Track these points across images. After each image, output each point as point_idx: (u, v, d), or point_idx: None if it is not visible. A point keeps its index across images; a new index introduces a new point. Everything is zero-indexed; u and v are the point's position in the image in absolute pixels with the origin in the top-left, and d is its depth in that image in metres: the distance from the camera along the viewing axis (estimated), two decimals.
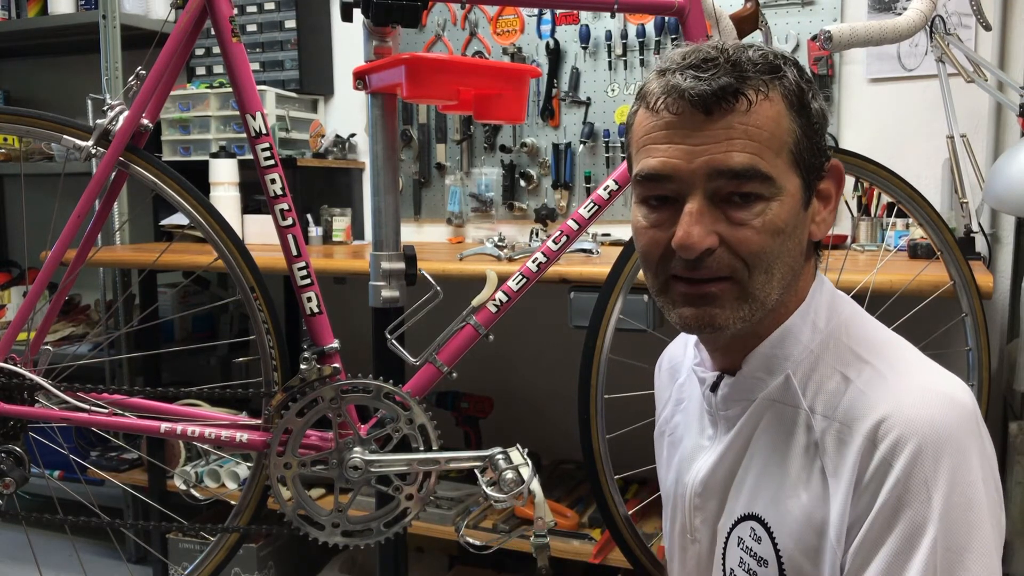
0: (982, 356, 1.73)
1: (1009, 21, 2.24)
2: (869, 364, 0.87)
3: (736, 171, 0.82)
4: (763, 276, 0.85)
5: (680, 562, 1.06)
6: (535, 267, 1.50)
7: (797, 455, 0.88)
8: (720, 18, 1.59)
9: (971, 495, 0.78)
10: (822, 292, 0.94)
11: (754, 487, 0.92)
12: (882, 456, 0.80)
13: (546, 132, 2.69)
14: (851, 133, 2.41)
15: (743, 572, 0.92)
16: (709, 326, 0.87)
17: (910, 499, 0.78)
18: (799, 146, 0.85)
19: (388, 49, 1.47)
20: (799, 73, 0.87)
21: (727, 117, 0.82)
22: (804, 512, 0.86)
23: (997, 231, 2.29)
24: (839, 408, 0.85)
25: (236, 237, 1.54)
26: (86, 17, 2.82)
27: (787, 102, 0.85)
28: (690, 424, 1.05)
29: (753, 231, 0.83)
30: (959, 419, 0.80)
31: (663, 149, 0.84)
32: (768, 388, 0.91)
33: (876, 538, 0.79)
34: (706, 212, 0.83)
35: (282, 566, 2.59)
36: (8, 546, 2.85)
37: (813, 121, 0.87)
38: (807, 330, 0.91)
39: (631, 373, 1.48)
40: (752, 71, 0.83)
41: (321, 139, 2.87)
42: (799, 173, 0.86)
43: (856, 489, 0.81)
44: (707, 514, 0.99)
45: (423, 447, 1.42)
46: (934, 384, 0.83)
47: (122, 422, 1.49)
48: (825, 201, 0.92)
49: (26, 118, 1.50)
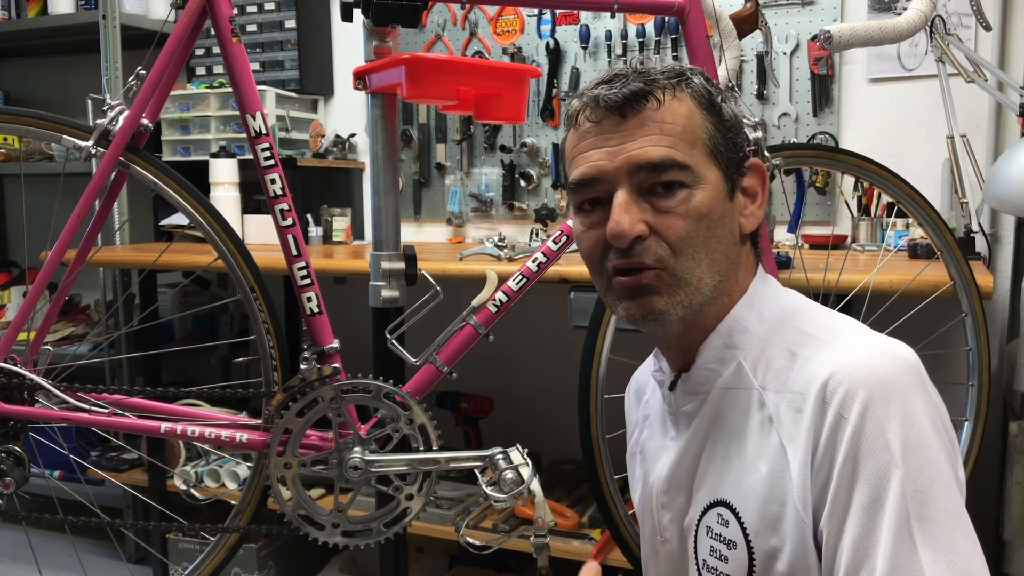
0: (982, 356, 1.73)
1: (1009, 21, 2.25)
2: (814, 337, 0.91)
3: (654, 162, 0.88)
4: (691, 261, 0.90)
5: (654, 567, 1.07)
6: (535, 267, 1.50)
7: (753, 433, 0.90)
8: (720, 18, 1.59)
9: (923, 436, 0.81)
10: (765, 284, 0.98)
11: (717, 474, 0.94)
12: (835, 411, 0.82)
13: (546, 132, 2.69)
14: (851, 133, 2.41)
15: (714, 559, 0.93)
16: (651, 313, 0.91)
17: (868, 447, 0.80)
18: (713, 140, 0.92)
19: (388, 49, 1.47)
20: (706, 80, 0.95)
21: (640, 115, 0.90)
22: (765, 484, 0.88)
23: (997, 231, 2.29)
24: (789, 380, 0.89)
25: (236, 237, 1.54)
26: (86, 17, 2.83)
27: (696, 101, 0.92)
28: (653, 432, 1.08)
29: (678, 217, 0.89)
30: (902, 370, 0.84)
31: (588, 155, 0.92)
32: (722, 377, 0.95)
33: (846, 493, 0.81)
34: (633, 203, 0.89)
35: (282, 566, 2.59)
36: (8, 546, 2.85)
37: (725, 119, 0.94)
38: (753, 319, 0.95)
39: (631, 373, 1.48)
40: (659, 76, 0.91)
41: (321, 139, 2.87)
42: (717, 165, 0.92)
43: (815, 449, 0.84)
44: (674, 511, 1.00)
45: (423, 447, 1.42)
46: (876, 343, 0.87)
47: (122, 422, 1.49)
48: (752, 197, 0.97)
49: (26, 118, 1.49)
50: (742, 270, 0.96)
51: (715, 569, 0.93)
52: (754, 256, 0.99)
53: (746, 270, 0.97)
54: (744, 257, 0.97)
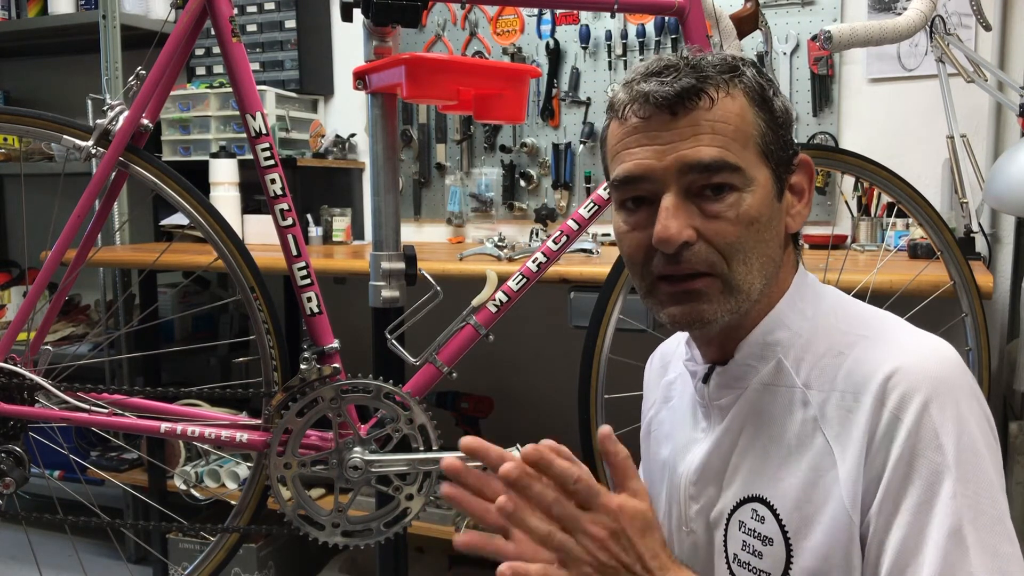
0: (982, 356, 1.73)
1: (1009, 21, 2.25)
2: (861, 336, 0.90)
3: (705, 163, 0.85)
4: (743, 267, 0.88)
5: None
6: (535, 267, 1.50)
7: (794, 431, 0.90)
8: (720, 18, 1.59)
9: (974, 440, 0.81)
10: (806, 282, 0.97)
11: (752, 470, 0.93)
12: (891, 412, 0.82)
13: (546, 132, 2.69)
14: (851, 133, 2.41)
15: (747, 554, 0.93)
16: (698, 321, 0.89)
17: (923, 449, 0.80)
18: (765, 139, 0.89)
19: (388, 49, 1.47)
20: (758, 72, 0.91)
21: (692, 114, 0.86)
22: (807, 483, 0.87)
23: (997, 231, 2.29)
24: (837, 378, 0.88)
25: (236, 237, 1.54)
26: (86, 17, 2.83)
27: (749, 98, 0.88)
28: (681, 420, 1.06)
29: (728, 222, 0.86)
30: (952, 370, 0.84)
31: (635, 152, 0.88)
32: (760, 373, 0.94)
33: (896, 492, 0.81)
34: (681, 207, 0.86)
35: (282, 566, 2.59)
36: (8, 546, 2.84)
37: (777, 116, 0.90)
38: (795, 317, 0.93)
39: (631, 373, 1.48)
40: (712, 71, 0.87)
41: (321, 139, 2.87)
42: (768, 165, 0.89)
43: (869, 449, 0.83)
44: (703, 503, 0.99)
45: (423, 447, 1.42)
46: (924, 342, 0.87)
47: (122, 422, 1.49)
48: (798, 195, 0.95)
49: (26, 118, 1.50)
50: (784, 269, 0.95)
51: (747, 564, 0.93)
52: (794, 253, 0.98)
53: (787, 268, 0.95)
54: (787, 255, 0.95)
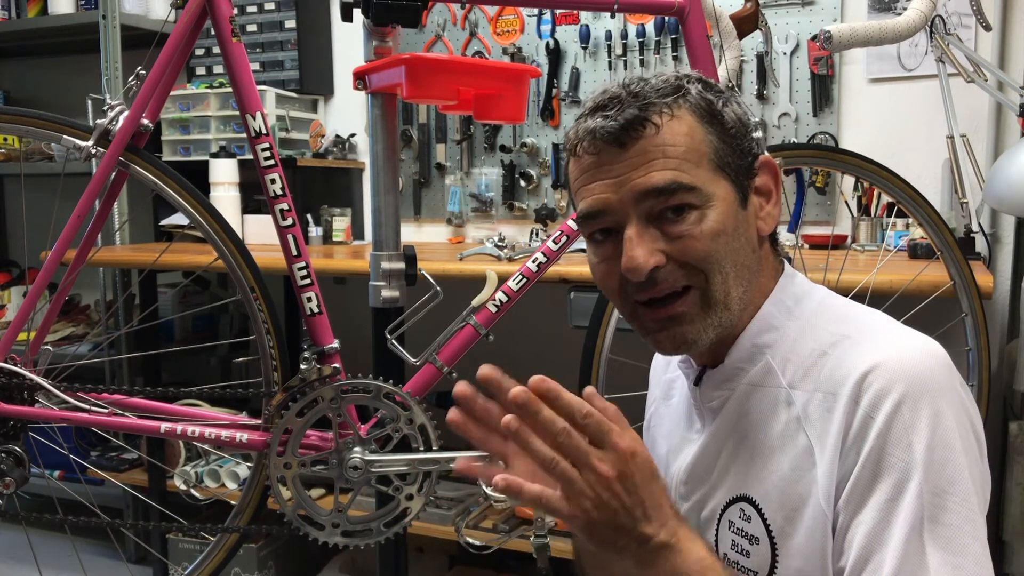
0: (982, 356, 1.73)
1: (1009, 21, 2.25)
2: (845, 336, 0.90)
3: (660, 188, 0.86)
4: (718, 276, 0.89)
5: None
6: (535, 267, 1.50)
7: (779, 432, 0.91)
8: (720, 18, 1.59)
9: (948, 438, 0.81)
10: (793, 282, 0.97)
11: (740, 470, 0.94)
12: (864, 411, 0.83)
13: (546, 132, 2.69)
14: (851, 133, 2.40)
15: (736, 553, 0.94)
16: (683, 344, 0.91)
17: (892, 447, 0.81)
18: (719, 153, 0.90)
19: (388, 49, 1.47)
20: (704, 87, 0.92)
21: (639, 143, 0.87)
22: (789, 482, 0.88)
23: (997, 231, 2.29)
24: (820, 378, 0.89)
25: (236, 237, 1.54)
26: (86, 17, 2.82)
27: (696, 116, 0.90)
28: (678, 420, 1.08)
29: (694, 239, 0.87)
30: (933, 369, 0.84)
31: (592, 188, 0.90)
32: (749, 375, 0.95)
33: (864, 489, 0.82)
34: (645, 234, 0.88)
35: (282, 566, 2.59)
36: (8, 546, 2.85)
37: (728, 127, 0.91)
38: (782, 318, 0.94)
39: (631, 373, 1.48)
40: (654, 96, 0.89)
41: (321, 139, 2.87)
42: (726, 177, 0.90)
43: (843, 447, 0.84)
44: (693, 503, 1.00)
45: (423, 447, 1.43)
46: (908, 342, 0.87)
47: (122, 422, 1.49)
48: (765, 196, 0.95)
49: (26, 118, 1.50)
50: (763, 272, 0.95)
51: (736, 563, 0.94)
52: (774, 253, 0.98)
53: (767, 270, 0.96)
54: (764, 258, 0.96)
